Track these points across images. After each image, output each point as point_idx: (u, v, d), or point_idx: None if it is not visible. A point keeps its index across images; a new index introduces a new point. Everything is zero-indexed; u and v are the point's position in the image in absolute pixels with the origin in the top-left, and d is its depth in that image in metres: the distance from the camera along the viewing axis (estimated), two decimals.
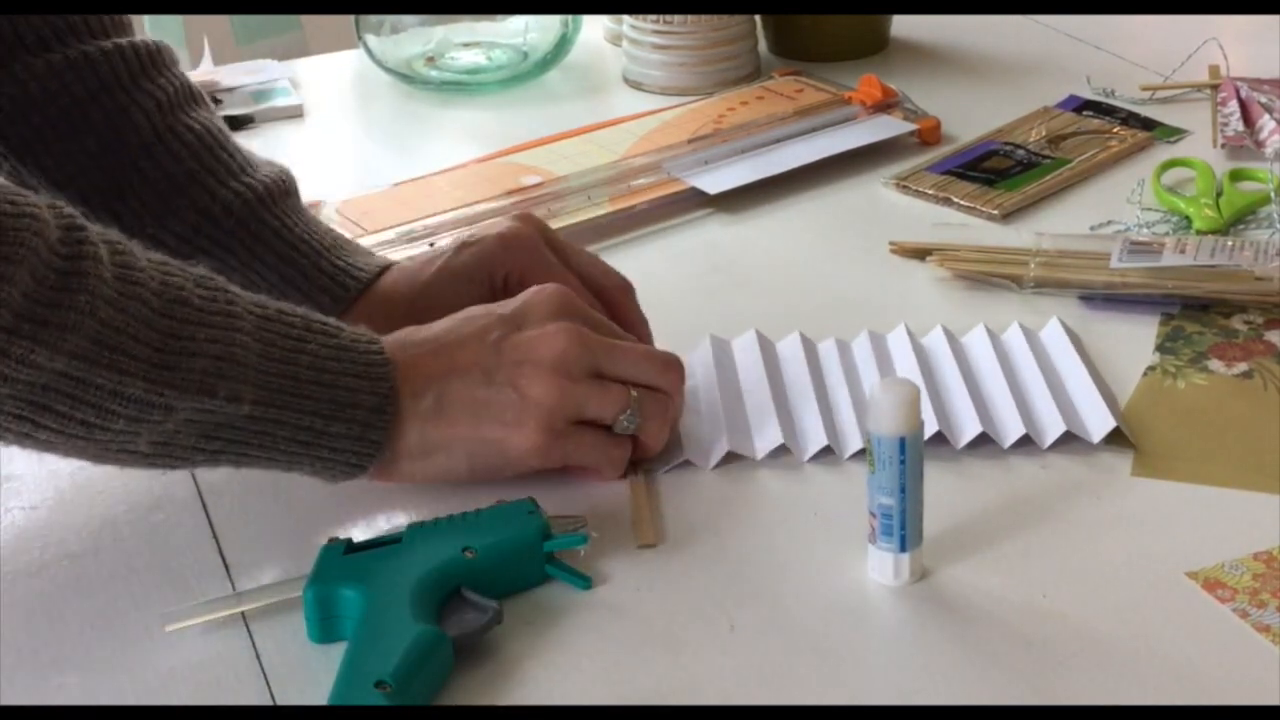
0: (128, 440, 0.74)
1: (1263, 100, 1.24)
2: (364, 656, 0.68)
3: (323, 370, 0.77)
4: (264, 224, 0.92)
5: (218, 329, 0.75)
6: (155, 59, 0.93)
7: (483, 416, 0.81)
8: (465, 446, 0.81)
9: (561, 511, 0.78)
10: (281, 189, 0.94)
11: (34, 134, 0.91)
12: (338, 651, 0.70)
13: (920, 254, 1.05)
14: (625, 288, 0.92)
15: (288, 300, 0.81)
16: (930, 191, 1.15)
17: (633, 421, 0.83)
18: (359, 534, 0.79)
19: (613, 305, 0.91)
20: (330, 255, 0.93)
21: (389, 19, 1.39)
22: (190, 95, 0.94)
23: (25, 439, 0.73)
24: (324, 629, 0.73)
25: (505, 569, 0.75)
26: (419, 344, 0.82)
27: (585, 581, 0.76)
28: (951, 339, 0.93)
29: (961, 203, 1.13)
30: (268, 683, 0.72)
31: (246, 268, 0.91)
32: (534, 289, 0.85)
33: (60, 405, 0.72)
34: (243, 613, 0.75)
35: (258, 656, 0.73)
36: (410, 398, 0.80)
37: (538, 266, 0.91)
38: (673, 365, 0.86)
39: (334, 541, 0.76)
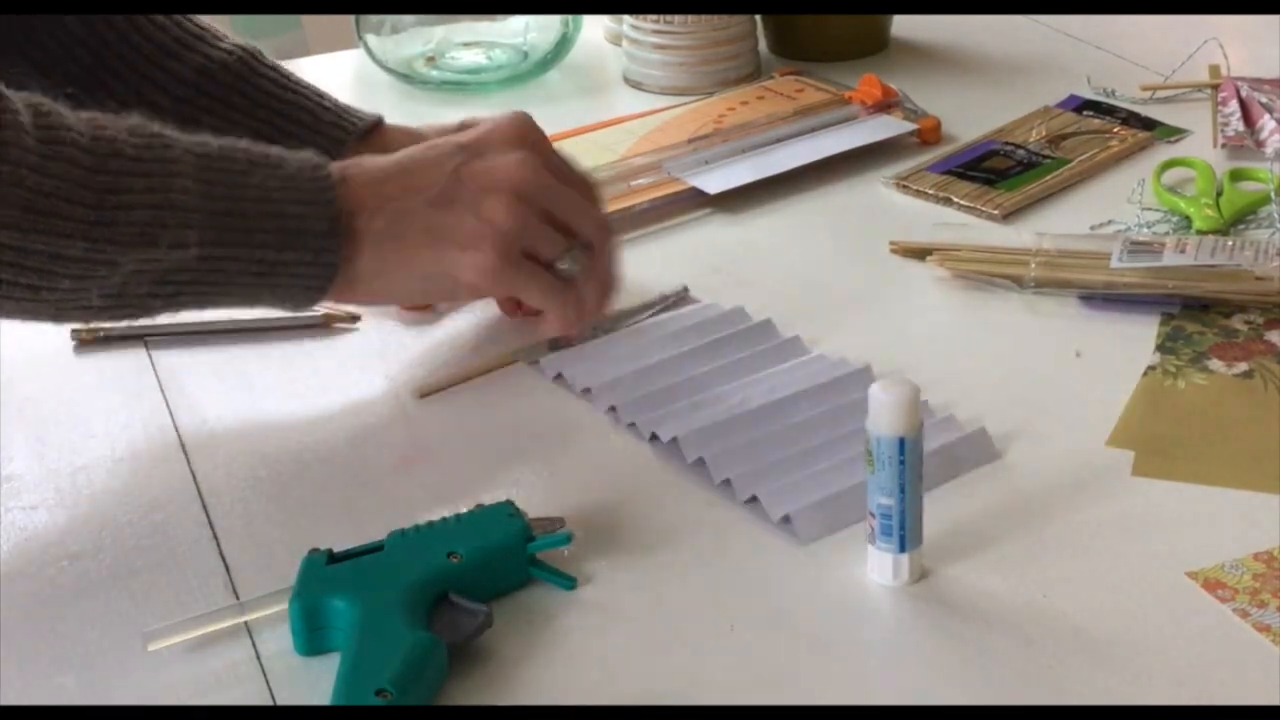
0: (78, 297, 0.75)
1: (1263, 100, 1.24)
2: (362, 665, 0.68)
3: (267, 200, 0.77)
4: (262, 76, 0.95)
5: (155, 177, 0.75)
6: None
7: (439, 237, 0.81)
8: (421, 267, 0.82)
9: (538, 513, 0.78)
10: (255, 49, 0.96)
11: (12, 27, 0.91)
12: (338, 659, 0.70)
13: (920, 254, 1.05)
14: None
15: (290, 149, 0.82)
16: (930, 191, 1.15)
17: (573, 267, 0.84)
18: (360, 530, 0.79)
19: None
20: (327, 100, 0.97)
21: (389, 19, 1.39)
22: None
23: None
24: (311, 641, 0.73)
25: (491, 572, 0.75)
26: (375, 168, 0.83)
27: (570, 582, 0.76)
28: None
29: (962, 203, 1.13)
30: (268, 683, 0.72)
31: (250, 118, 0.93)
32: (495, 118, 0.86)
33: (3, 274, 0.72)
34: (245, 620, 0.75)
35: (259, 660, 0.73)
36: (365, 217, 0.80)
37: (538, 152, 0.93)
38: (608, 226, 0.89)
39: (315, 553, 0.75)
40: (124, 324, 0.84)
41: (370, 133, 0.97)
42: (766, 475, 0.82)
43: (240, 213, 0.77)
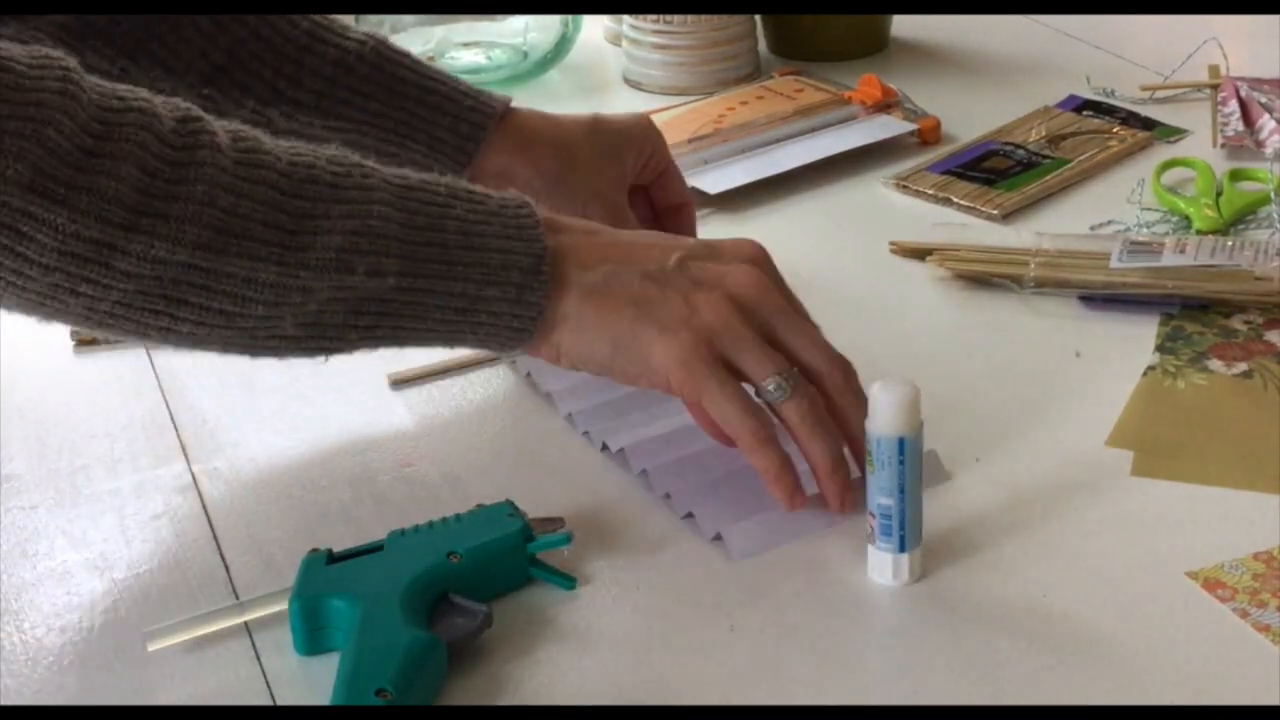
0: (273, 325, 0.73)
1: (1263, 100, 1.24)
2: (361, 665, 0.68)
3: (471, 234, 0.75)
4: (396, 64, 0.94)
5: (353, 204, 0.73)
6: None
7: (644, 310, 0.77)
8: (616, 333, 0.77)
9: (538, 513, 0.78)
10: (381, 37, 0.95)
11: (142, 28, 0.90)
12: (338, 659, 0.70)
13: (920, 254, 1.05)
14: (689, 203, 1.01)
15: (433, 135, 0.84)
16: (930, 191, 1.15)
17: (782, 392, 0.76)
18: (360, 530, 0.79)
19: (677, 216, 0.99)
20: (462, 85, 0.95)
21: (389, 19, 1.39)
22: None
23: (170, 334, 0.73)
24: (311, 640, 0.73)
25: (490, 572, 0.75)
26: (589, 227, 0.80)
27: (570, 582, 0.76)
28: None
29: (961, 203, 1.13)
30: (268, 683, 0.72)
31: (390, 107, 0.92)
32: (734, 240, 0.82)
33: (194, 297, 0.71)
34: (245, 620, 0.75)
35: (259, 660, 0.73)
36: (576, 267, 0.77)
37: (664, 157, 0.98)
38: (842, 364, 0.79)
39: (315, 552, 0.75)
40: (324, 358, 0.79)
41: (505, 116, 0.96)
42: (707, 491, 0.81)
43: (441, 243, 0.75)
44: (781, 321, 0.79)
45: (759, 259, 0.81)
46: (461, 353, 0.92)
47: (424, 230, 0.75)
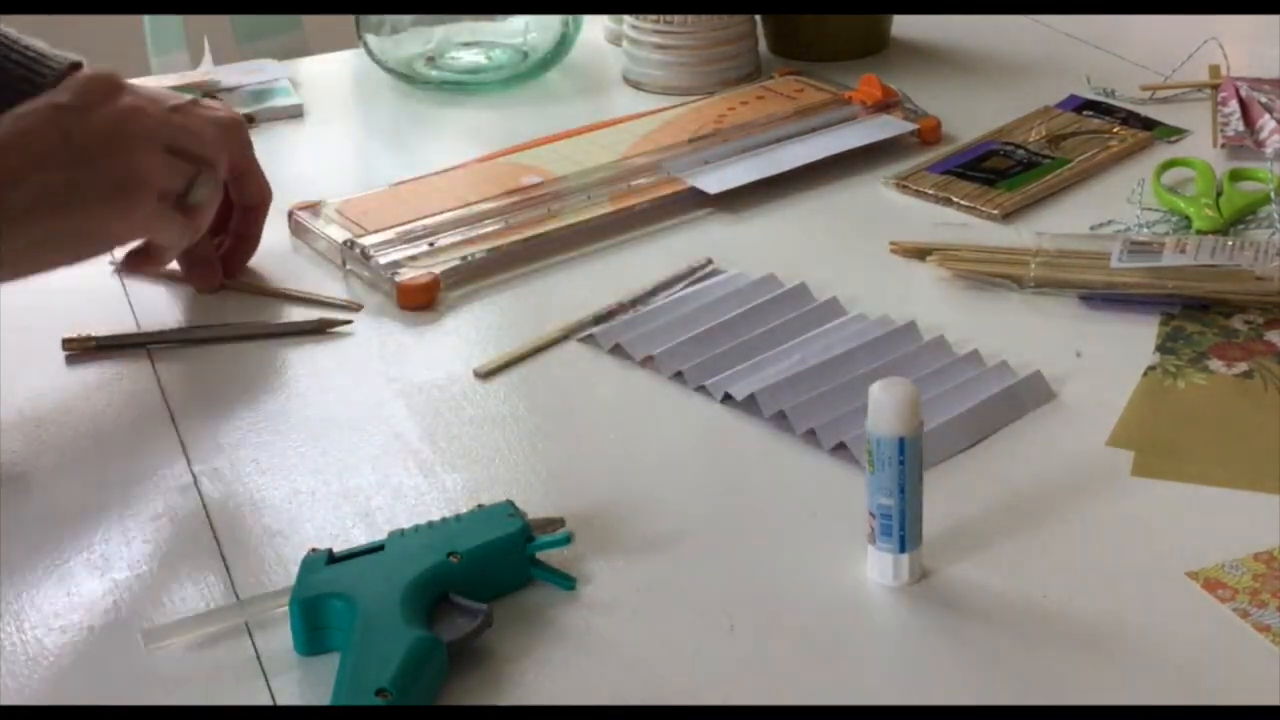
0: None
1: (1263, 100, 1.24)
2: (361, 665, 0.68)
3: None
4: None
5: None
6: None
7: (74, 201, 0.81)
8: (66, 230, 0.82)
9: (538, 513, 0.78)
10: None
11: None
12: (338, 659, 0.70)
13: (920, 254, 1.05)
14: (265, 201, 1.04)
15: None
16: (930, 191, 1.15)
17: (199, 196, 0.87)
18: (360, 530, 0.79)
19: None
20: (16, 52, 0.98)
21: (389, 19, 1.39)
22: None
23: None
24: (311, 640, 0.73)
25: (490, 572, 0.75)
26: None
27: (570, 582, 0.76)
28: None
29: (961, 203, 1.13)
30: (268, 683, 0.72)
31: None
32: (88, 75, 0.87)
33: None
34: (245, 620, 0.75)
35: (259, 660, 0.73)
36: None
37: (248, 158, 1.01)
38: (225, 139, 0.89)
39: (315, 553, 0.75)
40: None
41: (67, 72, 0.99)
42: (845, 422, 0.86)
43: None
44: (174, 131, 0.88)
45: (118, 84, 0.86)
46: (541, 335, 0.96)
47: None
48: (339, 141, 1.33)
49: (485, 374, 0.94)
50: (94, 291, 1.05)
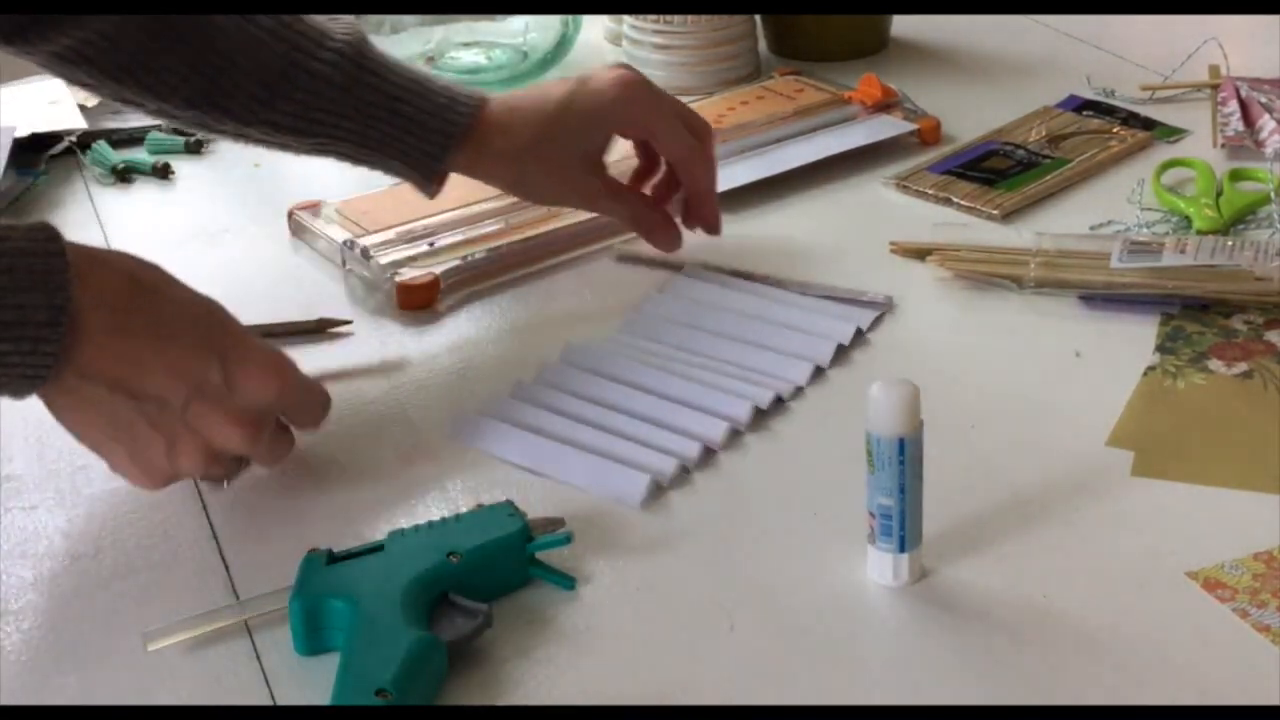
0: None
1: (1263, 100, 1.24)
2: (361, 665, 0.68)
3: None
4: (367, 85, 0.98)
5: None
6: None
7: (125, 436, 0.79)
8: (95, 443, 0.80)
9: (538, 513, 0.78)
10: (358, 45, 0.99)
11: (128, 58, 0.95)
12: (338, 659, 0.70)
13: (920, 254, 1.05)
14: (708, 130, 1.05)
15: (404, 148, 0.95)
16: (930, 191, 1.15)
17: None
18: (360, 530, 0.79)
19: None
20: (431, 98, 0.99)
21: (389, 19, 1.39)
22: None
23: None
24: (311, 640, 0.73)
25: (490, 572, 0.75)
26: (129, 304, 0.78)
27: (570, 582, 0.76)
28: None
29: (961, 203, 1.13)
30: (268, 683, 0.72)
31: (361, 126, 0.98)
32: (260, 367, 0.81)
33: None
34: (245, 619, 0.75)
35: (259, 660, 0.73)
36: (95, 349, 0.76)
37: (646, 124, 1.02)
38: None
39: (314, 552, 0.75)
40: None
41: (471, 127, 1.00)
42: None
43: None
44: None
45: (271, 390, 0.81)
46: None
47: None
48: None
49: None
50: None
